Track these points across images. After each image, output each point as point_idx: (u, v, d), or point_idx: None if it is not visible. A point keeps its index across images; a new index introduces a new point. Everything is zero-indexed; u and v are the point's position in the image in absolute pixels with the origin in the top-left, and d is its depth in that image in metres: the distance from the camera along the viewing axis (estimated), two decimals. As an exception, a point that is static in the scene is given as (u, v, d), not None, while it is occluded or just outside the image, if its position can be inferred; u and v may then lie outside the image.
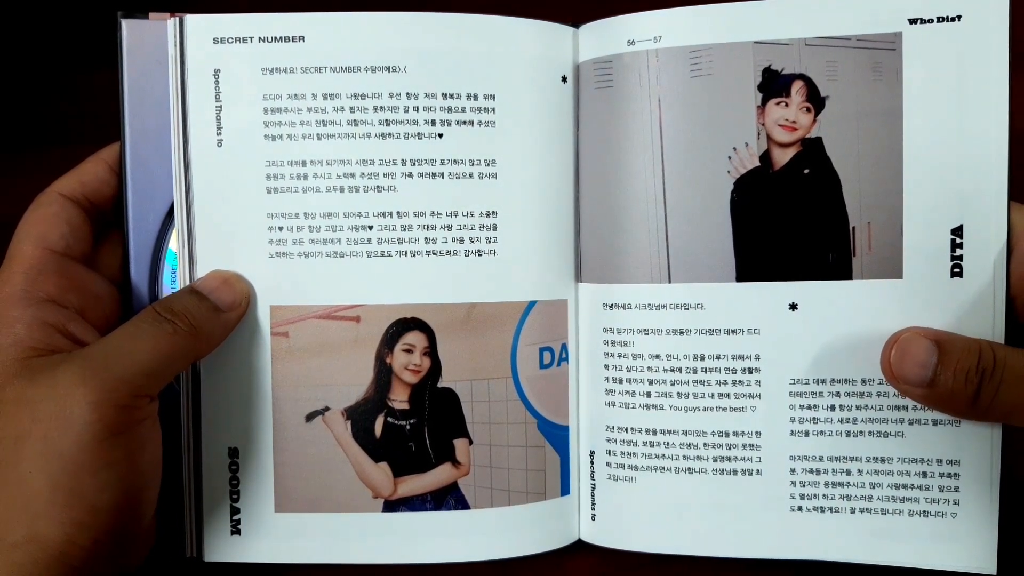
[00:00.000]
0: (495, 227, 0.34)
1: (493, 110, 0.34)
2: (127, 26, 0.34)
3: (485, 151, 0.34)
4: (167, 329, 0.31)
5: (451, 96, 0.34)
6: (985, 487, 0.33)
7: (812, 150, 0.34)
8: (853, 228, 0.34)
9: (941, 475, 0.34)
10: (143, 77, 0.35)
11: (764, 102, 0.34)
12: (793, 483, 0.34)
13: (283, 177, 0.34)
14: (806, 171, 0.34)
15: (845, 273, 0.34)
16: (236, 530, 0.35)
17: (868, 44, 0.33)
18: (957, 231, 0.33)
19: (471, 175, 0.34)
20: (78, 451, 0.29)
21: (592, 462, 0.36)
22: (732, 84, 0.34)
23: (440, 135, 0.34)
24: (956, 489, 0.33)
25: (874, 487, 0.34)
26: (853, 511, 0.34)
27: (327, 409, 0.35)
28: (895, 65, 0.33)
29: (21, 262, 0.31)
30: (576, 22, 0.36)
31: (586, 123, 0.36)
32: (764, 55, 0.34)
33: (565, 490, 0.36)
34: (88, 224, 0.34)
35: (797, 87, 0.34)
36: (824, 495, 0.34)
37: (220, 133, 0.34)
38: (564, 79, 0.36)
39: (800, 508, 0.34)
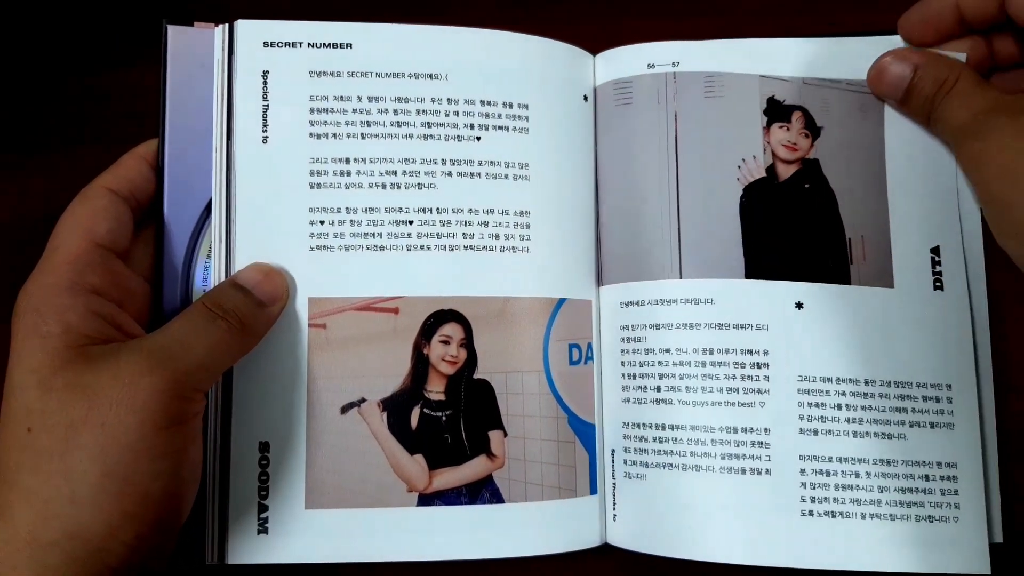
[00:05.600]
0: (528, 225, 0.36)
1: (526, 118, 0.37)
2: (172, 32, 0.36)
3: (519, 155, 0.36)
4: (220, 326, 0.31)
5: (489, 103, 0.36)
6: (979, 490, 0.35)
7: (811, 169, 0.38)
8: (849, 239, 0.37)
9: (942, 478, 0.35)
10: (184, 79, 0.36)
11: (768, 124, 0.38)
12: (803, 484, 0.35)
13: (326, 173, 0.35)
14: (807, 185, 0.37)
15: (844, 278, 0.36)
16: (263, 529, 0.34)
17: (856, 88, 0.38)
18: (935, 250, 0.36)
19: (506, 176, 0.36)
20: (138, 439, 0.28)
21: (613, 461, 0.37)
22: (741, 106, 0.38)
23: (478, 138, 0.36)
24: (956, 492, 0.35)
25: (882, 491, 0.35)
26: (863, 516, 0.34)
27: (363, 400, 0.35)
28: (879, 108, 0.38)
29: (67, 253, 0.31)
30: (590, 50, 0.39)
31: (605, 138, 0.39)
32: (768, 87, 0.38)
33: (593, 489, 0.36)
34: (131, 220, 0.34)
35: (797, 116, 0.38)
36: (835, 499, 0.34)
37: (266, 130, 0.35)
38: (585, 98, 0.39)
39: (811, 512, 0.34)
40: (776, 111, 0.38)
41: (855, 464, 0.35)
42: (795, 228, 0.37)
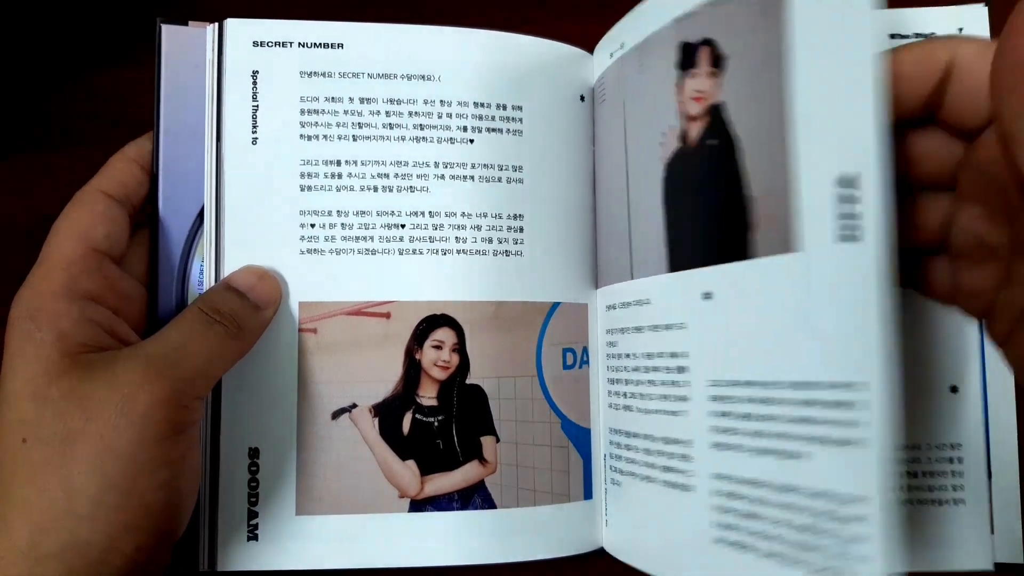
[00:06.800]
0: (522, 229, 0.36)
1: (520, 120, 0.36)
2: (166, 32, 0.35)
3: (513, 158, 0.36)
4: (218, 331, 0.31)
5: (482, 105, 0.36)
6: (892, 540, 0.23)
7: (715, 118, 0.30)
8: (754, 199, 0.28)
9: (845, 519, 0.24)
10: (179, 80, 0.35)
11: (682, 79, 0.31)
12: (715, 508, 0.29)
13: (317, 176, 0.35)
14: (712, 142, 0.30)
15: (747, 252, 0.28)
16: (253, 536, 0.34)
17: None
18: (848, 182, 0.24)
19: (500, 179, 0.36)
20: (138, 449, 0.28)
21: (604, 466, 0.37)
22: (662, 70, 0.32)
23: (471, 140, 0.36)
24: (865, 539, 0.23)
25: (783, 525, 0.26)
26: (767, 555, 0.27)
27: (354, 406, 0.34)
28: (779, 5, 0.27)
29: (62, 258, 0.31)
30: (591, 48, 0.39)
31: (597, 138, 0.38)
32: (682, 31, 0.31)
33: (588, 494, 0.36)
34: (128, 224, 0.33)
35: (703, 53, 0.30)
36: (743, 527, 0.28)
37: (256, 132, 0.35)
38: (582, 98, 0.38)
39: (721, 540, 0.29)
40: (686, 57, 0.31)
41: (759, 488, 0.27)
42: (699, 201, 0.30)
